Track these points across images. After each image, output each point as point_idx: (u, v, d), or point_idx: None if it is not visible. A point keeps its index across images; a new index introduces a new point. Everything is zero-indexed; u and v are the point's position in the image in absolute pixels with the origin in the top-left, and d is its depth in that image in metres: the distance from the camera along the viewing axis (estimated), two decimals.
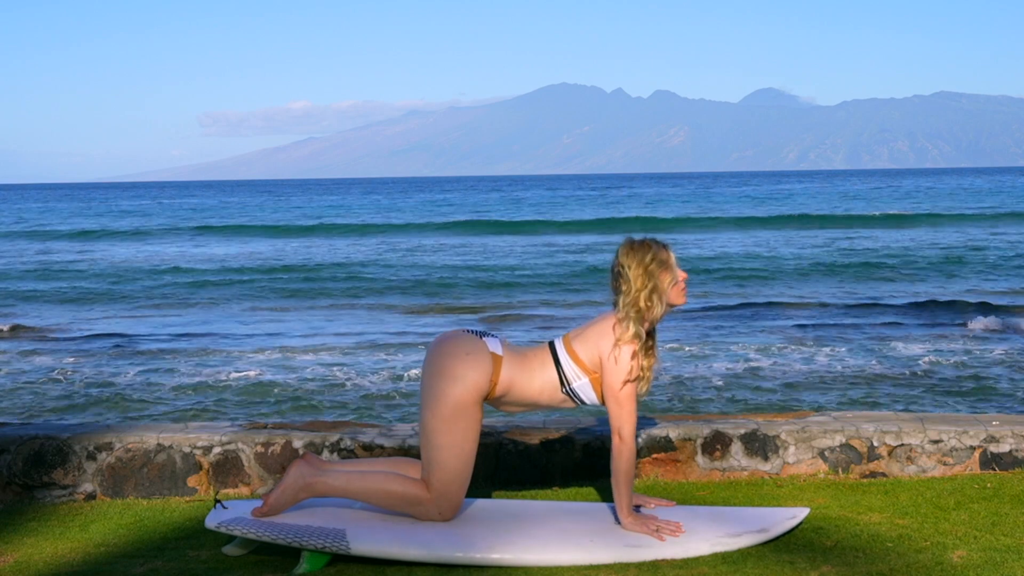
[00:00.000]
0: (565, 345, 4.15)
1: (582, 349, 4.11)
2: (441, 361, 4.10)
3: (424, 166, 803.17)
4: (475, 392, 4.06)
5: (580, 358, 4.11)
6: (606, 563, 3.87)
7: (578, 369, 4.10)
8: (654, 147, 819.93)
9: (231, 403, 10.33)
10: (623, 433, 4.06)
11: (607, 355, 4.06)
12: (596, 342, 4.10)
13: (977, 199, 60.13)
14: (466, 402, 4.05)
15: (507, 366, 4.11)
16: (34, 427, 5.41)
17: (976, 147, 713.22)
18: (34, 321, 16.92)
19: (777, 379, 11.02)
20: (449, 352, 4.11)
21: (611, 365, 4.06)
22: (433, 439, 4.09)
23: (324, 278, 23.66)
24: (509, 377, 4.10)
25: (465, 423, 4.07)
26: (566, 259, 27.59)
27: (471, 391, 4.05)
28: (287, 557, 4.04)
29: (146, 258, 30.72)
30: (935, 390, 10.30)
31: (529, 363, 4.15)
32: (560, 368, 4.12)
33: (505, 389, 4.12)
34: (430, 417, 4.09)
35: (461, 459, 4.09)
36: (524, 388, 4.13)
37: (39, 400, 10.57)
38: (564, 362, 4.12)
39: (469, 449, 4.10)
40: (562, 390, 4.13)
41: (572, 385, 4.12)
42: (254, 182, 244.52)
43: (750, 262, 26.10)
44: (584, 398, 4.15)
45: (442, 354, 4.12)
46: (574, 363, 4.11)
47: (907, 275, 22.71)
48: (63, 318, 17.43)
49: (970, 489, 4.74)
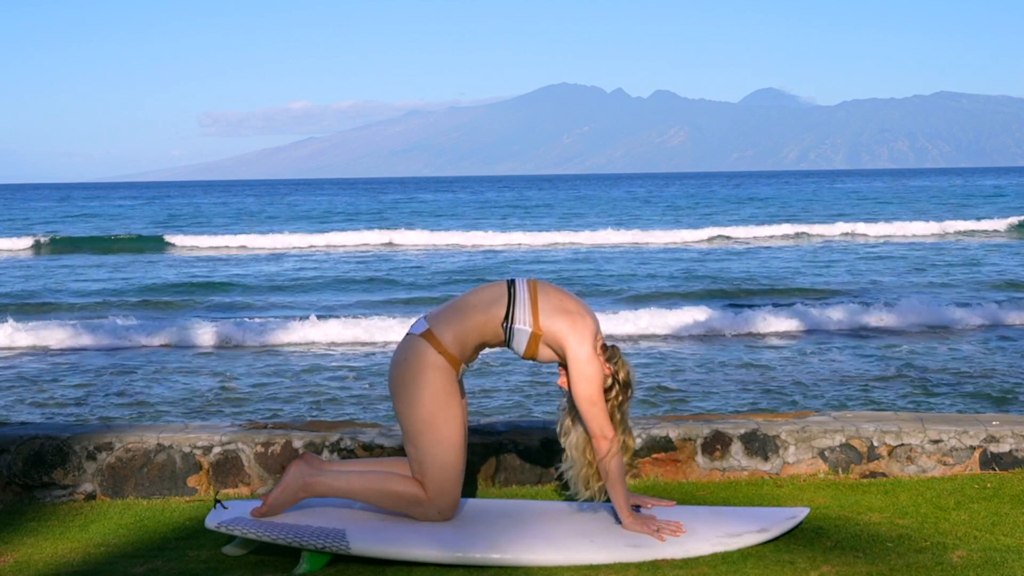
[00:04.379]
0: (530, 289, 4.11)
1: (546, 310, 4.06)
2: (395, 377, 4.14)
3: (424, 166, 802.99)
4: (439, 379, 4.06)
5: (538, 311, 4.06)
6: (606, 563, 3.87)
7: (529, 316, 4.06)
8: (654, 147, 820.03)
9: (231, 403, 10.32)
10: (606, 431, 4.05)
11: (575, 359, 4.03)
12: (568, 335, 4.04)
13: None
14: (436, 394, 4.05)
15: (441, 330, 4.09)
16: (34, 427, 5.41)
17: (976, 147, 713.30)
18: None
19: (777, 379, 11.01)
20: (396, 367, 4.14)
21: (580, 370, 4.03)
22: (418, 443, 4.09)
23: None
24: (452, 334, 4.08)
25: (445, 416, 4.07)
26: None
27: (434, 382, 4.05)
28: (287, 557, 4.04)
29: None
30: (935, 390, 10.29)
31: (468, 302, 4.13)
32: (512, 304, 4.07)
33: (460, 344, 4.09)
34: (409, 426, 4.10)
35: (451, 453, 4.09)
36: (470, 327, 4.09)
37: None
38: (520, 301, 4.08)
39: (456, 441, 4.10)
40: (502, 324, 4.08)
41: (514, 325, 4.07)
42: (254, 182, 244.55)
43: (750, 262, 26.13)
44: (514, 342, 4.09)
45: (393, 375, 4.15)
46: (530, 309, 4.07)
47: (908, 275, 22.71)
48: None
49: (970, 489, 4.74)
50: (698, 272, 23.17)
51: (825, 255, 27.54)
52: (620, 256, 28.35)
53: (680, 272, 23.40)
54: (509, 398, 9.81)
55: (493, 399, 9.77)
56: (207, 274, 24.87)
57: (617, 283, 21.61)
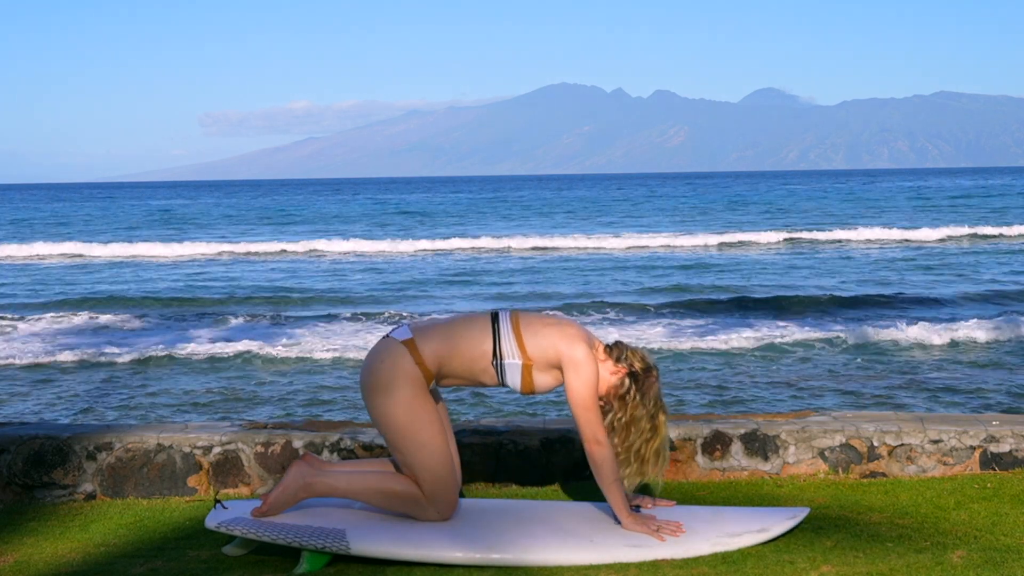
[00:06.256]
0: (512, 322, 4.10)
1: (531, 337, 4.05)
2: (366, 380, 4.11)
3: (424, 166, 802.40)
4: (411, 386, 4.04)
5: (524, 341, 4.05)
6: (606, 563, 3.87)
7: (516, 349, 4.04)
8: (654, 147, 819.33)
9: (229, 402, 10.32)
10: (599, 437, 4.04)
11: (570, 361, 4.01)
12: (556, 345, 4.03)
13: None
14: (408, 400, 4.03)
15: (424, 343, 4.07)
16: (34, 427, 5.41)
17: (976, 147, 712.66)
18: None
19: (777, 379, 11.01)
20: (369, 368, 4.12)
21: (575, 372, 4.02)
22: (401, 449, 4.08)
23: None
24: (433, 351, 4.06)
25: (420, 421, 4.05)
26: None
27: (406, 388, 4.03)
28: (287, 557, 4.04)
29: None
30: (936, 390, 10.29)
31: (456, 331, 4.10)
32: (498, 340, 4.06)
33: (437, 364, 4.07)
34: (387, 433, 4.09)
35: (436, 455, 4.08)
36: (454, 356, 4.07)
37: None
38: (504, 336, 4.06)
39: (439, 444, 4.08)
40: (492, 362, 4.07)
41: (504, 361, 4.06)
42: (255, 182, 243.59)
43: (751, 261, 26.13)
44: (508, 379, 4.08)
45: (365, 374, 4.13)
46: (515, 342, 4.05)
47: (908, 275, 22.70)
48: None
49: (970, 489, 4.74)
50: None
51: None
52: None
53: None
54: (508, 398, 9.81)
55: (493, 399, 9.78)
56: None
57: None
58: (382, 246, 33.23)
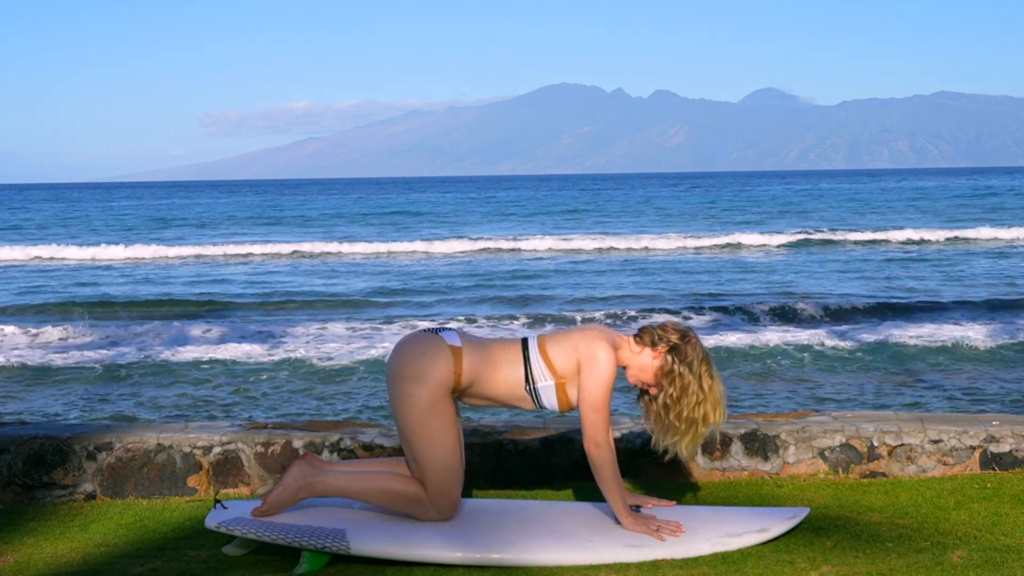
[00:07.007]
0: (539, 345, 4.14)
1: (557, 353, 4.10)
2: (401, 365, 4.10)
3: (424, 166, 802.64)
4: (441, 387, 4.05)
5: (552, 361, 4.09)
6: (606, 563, 3.87)
7: (546, 371, 4.09)
8: (654, 147, 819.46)
9: (229, 403, 10.32)
10: (599, 440, 4.05)
11: (588, 359, 4.04)
12: (576, 347, 4.07)
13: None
14: (434, 399, 4.05)
15: (468, 356, 4.09)
16: (34, 427, 5.41)
17: (976, 147, 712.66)
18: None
19: (776, 379, 11.01)
20: (408, 354, 4.11)
21: (591, 371, 4.04)
22: (413, 443, 4.09)
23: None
24: (472, 367, 4.09)
25: (439, 420, 4.07)
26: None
27: (436, 387, 4.05)
28: (287, 557, 4.04)
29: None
30: (935, 389, 10.30)
31: (494, 355, 4.13)
32: (528, 366, 4.10)
33: (470, 379, 4.10)
34: (404, 423, 4.09)
35: (446, 455, 4.09)
36: (488, 379, 4.11)
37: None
38: (534, 360, 4.10)
39: (451, 443, 4.10)
40: (525, 388, 4.11)
41: (536, 385, 4.10)
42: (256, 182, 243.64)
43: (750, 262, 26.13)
44: (544, 401, 4.12)
45: (402, 358, 4.12)
46: (544, 364, 4.09)
47: (908, 276, 22.70)
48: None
49: (970, 489, 4.74)
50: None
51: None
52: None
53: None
54: None
55: None
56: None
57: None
58: (382, 247, 33.25)
